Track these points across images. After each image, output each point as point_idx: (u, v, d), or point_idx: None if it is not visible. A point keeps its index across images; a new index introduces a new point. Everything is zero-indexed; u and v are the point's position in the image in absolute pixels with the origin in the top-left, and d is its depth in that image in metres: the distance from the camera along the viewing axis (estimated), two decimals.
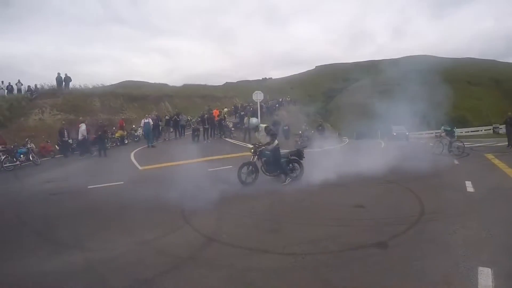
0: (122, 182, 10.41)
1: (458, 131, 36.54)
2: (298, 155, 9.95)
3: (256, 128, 9.77)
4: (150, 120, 19.73)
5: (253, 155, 9.43)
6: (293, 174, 9.78)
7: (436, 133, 17.39)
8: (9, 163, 14.43)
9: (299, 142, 22.36)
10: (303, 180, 9.60)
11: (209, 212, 6.90)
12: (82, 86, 26.44)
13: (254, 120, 10.13)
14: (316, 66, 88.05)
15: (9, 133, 18.42)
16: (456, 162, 13.14)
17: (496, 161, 12.52)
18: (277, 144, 9.53)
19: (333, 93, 58.97)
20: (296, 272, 4.01)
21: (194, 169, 12.11)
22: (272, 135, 9.46)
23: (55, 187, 10.40)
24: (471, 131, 39.15)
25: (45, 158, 17.04)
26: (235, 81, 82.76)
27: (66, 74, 24.47)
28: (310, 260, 4.35)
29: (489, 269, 3.73)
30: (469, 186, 8.13)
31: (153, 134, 20.12)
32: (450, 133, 15.59)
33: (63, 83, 24.02)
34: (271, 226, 5.88)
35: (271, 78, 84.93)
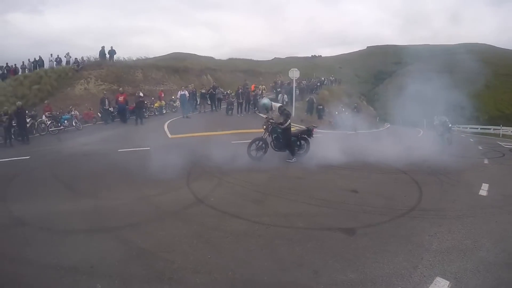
0: (148, 148, 11.49)
1: (507, 129, 34.33)
2: (308, 133, 10.16)
3: (268, 108, 9.90)
4: (186, 92, 20.85)
5: (265, 131, 9.71)
6: (300, 151, 10.06)
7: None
8: (54, 128, 16.79)
9: (332, 123, 22.36)
10: (314, 159, 9.73)
11: (212, 178, 7.69)
12: (126, 58, 28.27)
13: (264, 100, 10.25)
14: (367, 47, 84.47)
15: (56, 101, 20.70)
16: (486, 161, 12.27)
17: None
18: (289, 124, 9.66)
19: (383, 76, 56.86)
20: (252, 238, 4.45)
21: (219, 140, 12.84)
22: (286, 115, 9.55)
23: (90, 149, 11.85)
24: None
25: (87, 124, 19.23)
26: (284, 57, 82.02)
27: (111, 47, 26.77)
28: (272, 231, 4.72)
29: (448, 283, 3.49)
30: (484, 189, 7.49)
31: (189, 105, 21.16)
32: (444, 124, 16.49)
33: (107, 55, 25.95)
34: (257, 197, 6.34)
35: (320, 56, 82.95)
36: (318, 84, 34.71)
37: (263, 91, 25.43)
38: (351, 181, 7.83)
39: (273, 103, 10.13)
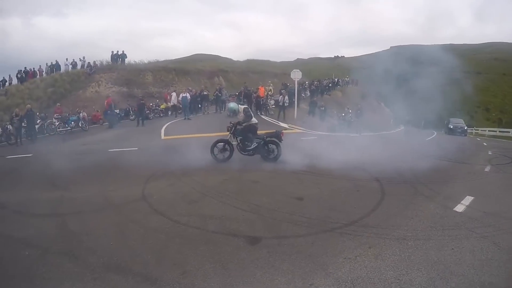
0: (136, 148, 12.74)
1: None
2: (276, 137, 10.10)
3: (236, 111, 10.14)
4: (188, 95, 22.10)
5: (229, 133, 10.06)
6: (269, 155, 10.07)
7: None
8: (62, 128, 18.64)
9: (336, 125, 22.85)
10: (287, 163, 9.83)
11: (170, 178, 8.37)
12: (138, 61, 30.30)
13: (231, 104, 10.57)
14: (390, 47, 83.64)
15: (68, 103, 22.95)
16: (487, 169, 11.04)
17: None
18: (256, 124, 10.03)
19: (406, 76, 56.27)
20: (157, 234, 4.96)
21: (207, 142, 13.73)
22: (247, 115, 9.92)
23: (85, 148, 13.28)
24: None
25: (94, 125, 20.86)
26: (307, 58, 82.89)
27: (123, 51, 29.19)
28: (180, 230, 5.13)
29: None
30: (464, 204, 6.56)
31: (192, 107, 22.59)
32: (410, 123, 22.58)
33: (119, 59, 27.75)
34: (196, 198, 6.75)
35: (343, 56, 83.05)
36: (330, 85, 35.06)
37: (269, 93, 26.27)
38: (306, 187, 7.69)
39: (239, 106, 10.47)
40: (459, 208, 6.35)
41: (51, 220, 5.68)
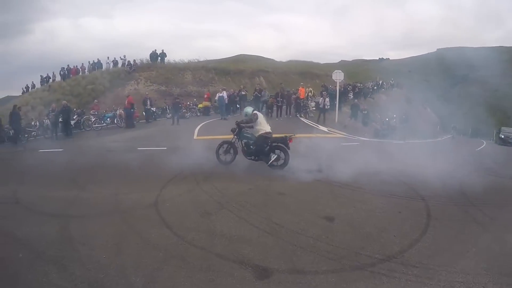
0: (165, 148, 12.38)
1: None
2: (284, 142, 9.29)
3: (247, 115, 9.53)
4: (224, 94, 21.67)
5: (233, 135, 9.51)
6: (276, 162, 9.26)
7: None
8: (97, 124, 19.31)
9: (379, 130, 21.51)
10: (318, 172, 8.85)
11: (190, 183, 7.76)
12: (177, 61, 30.77)
13: (246, 109, 9.90)
14: (437, 49, 79.40)
15: (107, 100, 23.46)
16: None
17: None
18: (266, 133, 9.21)
19: (455, 80, 53.41)
20: (155, 252, 4.37)
21: None
22: (253, 118, 9.26)
23: (116, 146, 13.28)
24: None
25: None
26: (351, 60, 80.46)
27: (162, 50, 29.82)
28: (182, 247, 4.50)
29: None
30: None
31: (230, 107, 22.43)
32: (456, 130, 24.51)
33: (159, 58, 28.20)
34: (212, 209, 5.97)
35: (388, 58, 79.87)
36: (375, 87, 33.47)
37: (309, 94, 25.23)
38: (339, 205, 6.56)
39: (254, 111, 9.70)
40: None
41: (56, 221, 5.42)
